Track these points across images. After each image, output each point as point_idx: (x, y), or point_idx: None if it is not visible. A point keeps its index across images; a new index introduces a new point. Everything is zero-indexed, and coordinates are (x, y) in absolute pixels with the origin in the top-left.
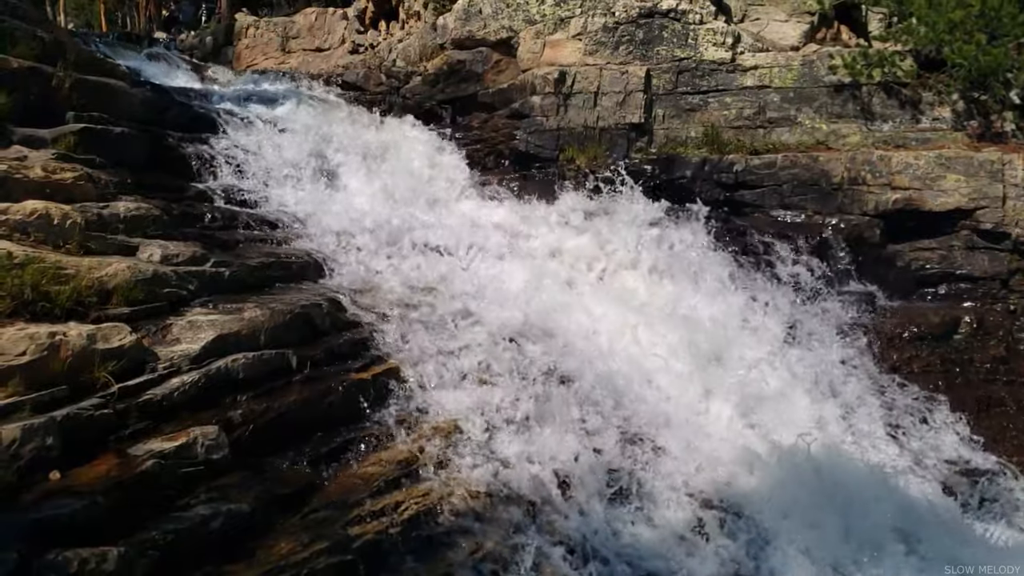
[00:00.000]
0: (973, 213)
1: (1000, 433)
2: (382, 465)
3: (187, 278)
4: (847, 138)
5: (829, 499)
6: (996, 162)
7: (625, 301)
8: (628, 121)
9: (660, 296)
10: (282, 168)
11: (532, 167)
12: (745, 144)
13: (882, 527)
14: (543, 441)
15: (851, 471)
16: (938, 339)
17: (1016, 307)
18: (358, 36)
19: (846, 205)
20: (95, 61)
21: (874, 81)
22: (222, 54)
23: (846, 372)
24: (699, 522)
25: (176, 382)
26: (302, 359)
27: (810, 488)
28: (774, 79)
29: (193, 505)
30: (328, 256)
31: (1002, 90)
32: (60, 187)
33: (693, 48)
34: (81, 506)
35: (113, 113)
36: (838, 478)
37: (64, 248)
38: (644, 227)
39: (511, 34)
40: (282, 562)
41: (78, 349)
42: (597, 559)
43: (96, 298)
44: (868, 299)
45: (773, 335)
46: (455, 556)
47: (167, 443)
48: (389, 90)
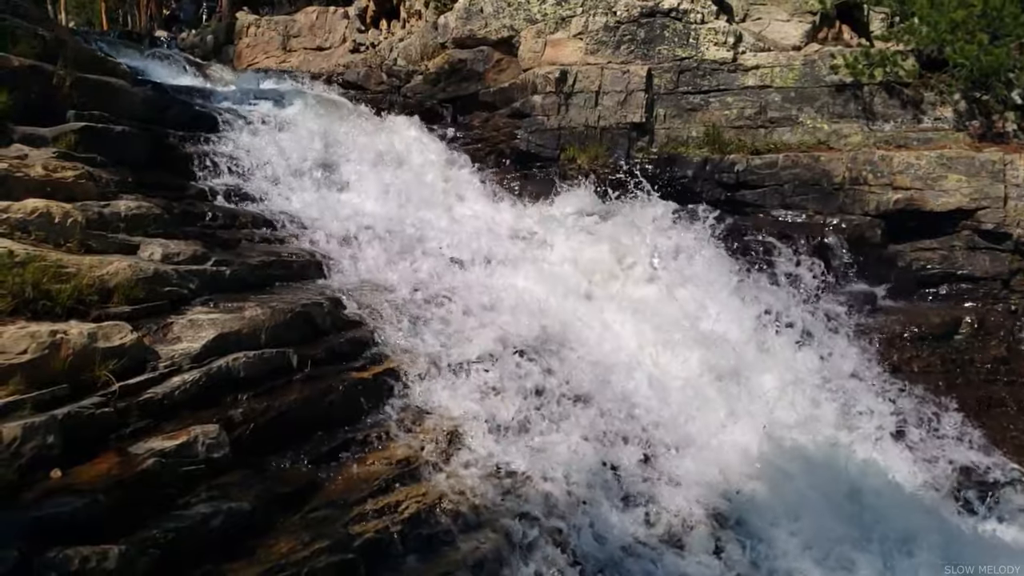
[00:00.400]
0: (974, 213)
1: (1001, 433)
2: (383, 464)
3: (188, 277)
4: (848, 138)
5: (837, 504)
6: (997, 162)
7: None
8: (629, 121)
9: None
10: (283, 167)
11: (533, 166)
12: (746, 144)
13: (886, 529)
14: (545, 444)
15: (856, 474)
16: (939, 339)
17: (1017, 307)
18: (359, 35)
19: (847, 205)
20: (96, 60)
21: (876, 81)
22: (223, 53)
23: (850, 373)
24: (706, 528)
25: (177, 381)
26: (303, 358)
27: (818, 493)
28: (775, 79)
29: (194, 504)
30: (329, 255)
31: (1004, 90)
32: (61, 185)
33: (694, 48)
34: (82, 504)
35: (114, 112)
36: (844, 481)
37: (65, 247)
38: (660, 233)
39: (512, 33)
40: (282, 561)
41: (79, 348)
42: (600, 560)
43: (97, 297)
44: (869, 299)
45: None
46: (455, 556)
47: (168, 442)
48: (390, 89)
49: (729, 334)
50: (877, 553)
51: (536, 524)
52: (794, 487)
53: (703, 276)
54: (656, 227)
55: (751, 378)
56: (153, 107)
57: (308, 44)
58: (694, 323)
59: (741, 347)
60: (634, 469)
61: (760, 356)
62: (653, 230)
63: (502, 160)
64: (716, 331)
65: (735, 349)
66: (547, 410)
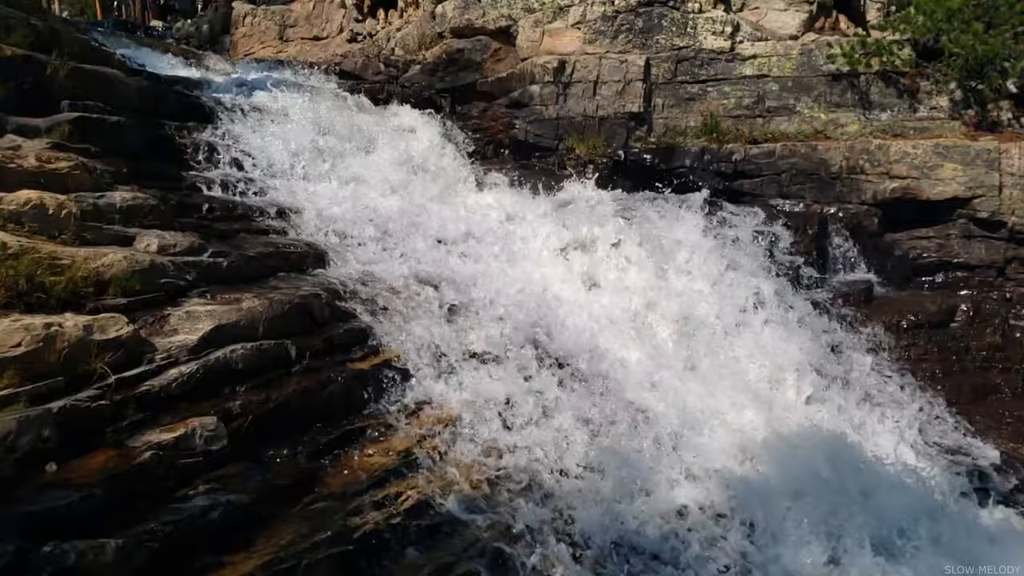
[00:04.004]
0: (970, 202)
1: (996, 420)
2: (383, 455)
3: (185, 268)
4: (845, 127)
5: (833, 489)
6: (993, 151)
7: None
8: (627, 110)
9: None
10: (281, 158)
11: (532, 156)
12: (744, 133)
13: (883, 517)
14: (544, 431)
15: (853, 461)
16: (935, 327)
17: (1012, 295)
18: (356, 24)
19: (844, 194)
20: (90, 50)
21: (872, 70)
22: (219, 43)
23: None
24: (707, 511)
25: (174, 373)
26: (301, 349)
27: (816, 477)
28: (773, 68)
29: (192, 496)
30: (328, 247)
31: (999, 79)
32: (55, 176)
33: (692, 37)
34: (78, 498)
35: (109, 102)
36: (840, 467)
37: (59, 238)
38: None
39: (510, 23)
40: (282, 553)
41: (74, 340)
42: (601, 548)
43: (92, 289)
44: (866, 288)
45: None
46: (456, 546)
47: (165, 434)
48: (388, 79)
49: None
50: (873, 536)
51: (537, 512)
52: (793, 472)
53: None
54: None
55: (746, 363)
56: (148, 97)
57: (305, 34)
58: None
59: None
60: (636, 456)
61: (756, 341)
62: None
63: (501, 150)
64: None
65: (727, 333)
66: (547, 398)
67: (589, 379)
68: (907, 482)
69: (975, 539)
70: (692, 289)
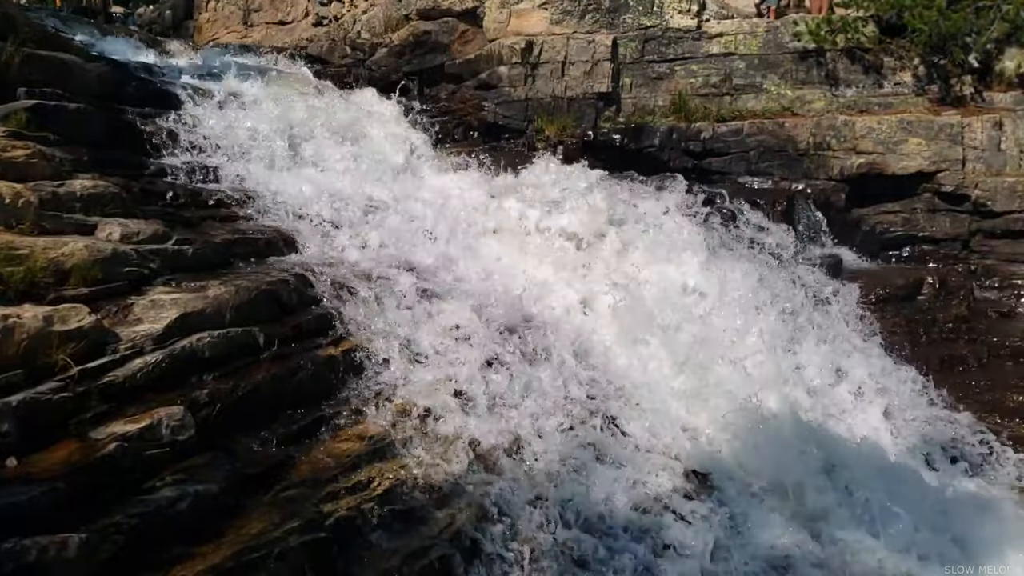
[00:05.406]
0: (934, 176)
1: (964, 391)
2: (354, 441)
3: (148, 256)
4: (812, 104)
5: (805, 462)
6: (956, 125)
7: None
8: (596, 90)
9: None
10: (246, 143)
11: (501, 138)
12: (712, 112)
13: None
14: (517, 415)
15: (825, 434)
16: (903, 300)
17: (976, 267)
18: (321, 8)
19: (812, 170)
20: (48, 36)
21: (838, 47)
22: (182, 28)
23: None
24: (680, 487)
25: (139, 363)
26: (269, 336)
27: (787, 451)
28: (739, 46)
29: (159, 488)
30: (295, 232)
31: (961, 54)
32: (11, 165)
33: (659, 16)
34: (40, 493)
35: (68, 89)
36: (813, 441)
37: (16, 228)
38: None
39: (476, 3)
40: (253, 542)
41: (34, 332)
42: (575, 527)
43: (52, 279)
44: (835, 263)
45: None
46: (430, 530)
47: (130, 425)
48: (354, 62)
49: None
50: (844, 507)
51: (511, 495)
52: (768, 449)
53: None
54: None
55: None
56: (109, 84)
57: (270, 18)
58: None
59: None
60: (607, 437)
61: (730, 319)
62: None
63: (470, 132)
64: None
65: (703, 315)
66: (517, 383)
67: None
68: (876, 453)
69: (946, 507)
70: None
